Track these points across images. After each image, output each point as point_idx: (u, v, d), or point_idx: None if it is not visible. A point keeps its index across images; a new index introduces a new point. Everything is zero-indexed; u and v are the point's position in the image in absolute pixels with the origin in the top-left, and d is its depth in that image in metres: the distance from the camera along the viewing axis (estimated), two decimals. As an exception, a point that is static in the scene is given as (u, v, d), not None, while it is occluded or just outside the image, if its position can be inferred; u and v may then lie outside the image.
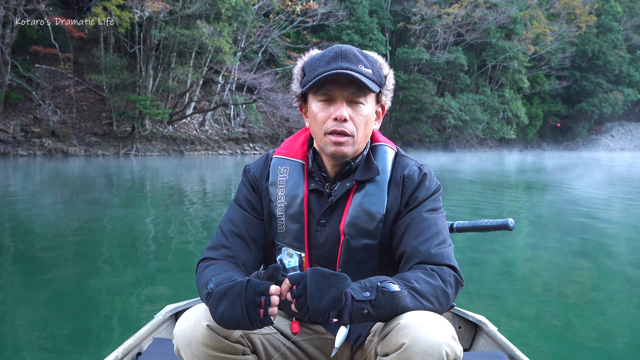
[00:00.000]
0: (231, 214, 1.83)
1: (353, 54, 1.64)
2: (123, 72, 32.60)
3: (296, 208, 1.76)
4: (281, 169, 1.81)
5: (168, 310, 2.67)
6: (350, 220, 1.71)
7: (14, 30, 29.98)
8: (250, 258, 1.77)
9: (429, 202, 1.72)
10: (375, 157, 1.77)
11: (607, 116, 64.87)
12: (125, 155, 32.27)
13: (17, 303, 4.56)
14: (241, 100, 38.47)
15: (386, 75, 1.73)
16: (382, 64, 1.73)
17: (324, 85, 1.65)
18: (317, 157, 1.80)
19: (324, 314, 1.41)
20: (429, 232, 1.66)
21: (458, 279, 1.62)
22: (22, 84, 30.60)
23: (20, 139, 30.31)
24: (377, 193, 1.72)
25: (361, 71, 1.62)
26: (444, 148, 51.10)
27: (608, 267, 6.25)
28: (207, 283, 1.57)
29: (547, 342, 3.78)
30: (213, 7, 32.81)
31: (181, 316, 1.58)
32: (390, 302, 1.45)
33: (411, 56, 47.57)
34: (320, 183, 1.78)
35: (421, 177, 1.75)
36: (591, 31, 61.42)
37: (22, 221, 8.96)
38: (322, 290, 1.39)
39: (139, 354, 2.34)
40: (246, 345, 1.62)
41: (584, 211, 11.05)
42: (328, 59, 1.64)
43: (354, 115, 1.66)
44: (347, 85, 1.63)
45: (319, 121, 1.68)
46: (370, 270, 1.74)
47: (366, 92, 1.66)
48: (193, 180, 18.25)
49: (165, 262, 6.14)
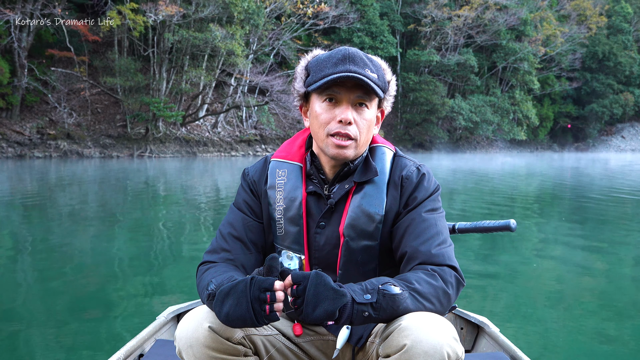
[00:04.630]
0: (231, 218, 1.82)
1: (360, 57, 1.63)
2: (137, 75, 33.04)
3: (295, 211, 1.75)
4: (279, 172, 1.80)
5: (170, 312, 2.66)
6: (350, 222, 1.70)
7: (30, 34, 30.44)
8: (250, 261, 1.76)
9: (428, 202, 1.71)
10: (373, 159, 1.77)
11: (617, 117, 64.62)
12: (139, 157, 32.62)
13: (17, 302, 4.56)
14: (253, 102, 38.73)
15: (389, 80, 1.73)
16: (386, 69, 1.73)
17: (331, 86, 1.63)
18: (315, 159, 1.79)
19: (316, 321, 1.41)
20: (429, 233, 1.65)
21: (459, 279, 1.61)
22: (38, 87, 31.11)
23: (36, 141, 30.76)
24: (376, 194, 1.71)
25: (368, 75, 1.61)
26: (455, 149, 51.05)
27: (616, 269, 6.16)
28: (207, 285, 1.56)
29: (550, 343, 3.73)
30: (226, 11, 33.16)
31: (183, 318, 1.57)
32: (391, 304, 1.44)
33: (422, 58, 47.71)
34: (319, 185, 1.76)
35: (419, 178, 1.73)
36: (602, 32, 61.25)
37: (35, 220, 9.13)
38: (319, 300, 1.39)
39: (140, 355, 2.33)
40: (248, 346, 1.61)
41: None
42: (335, 60, 1.62)
43: (358, 118, 1.65)
44: (354, 88, 1.63)
45: (321, 122, 1.66)
46: (371, 272, 1.73)
47: (372, 96, 1.66)
48: (205, 181, 18.28)
49: (168, 264, 6.09)
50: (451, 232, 2.29)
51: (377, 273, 1.73)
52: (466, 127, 50.34)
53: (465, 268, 5.60)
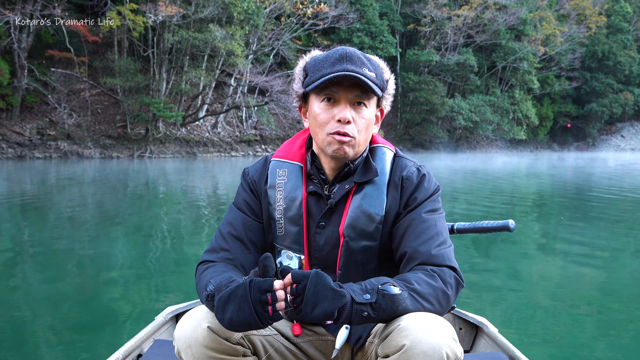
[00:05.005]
0: (230, 217, 1.82)
1: (357, 56, 1.63)
2: (137, 76, 33.11)
3: (295, 211, 1.75)
4: (279, 172, 1.80)
5: (169, 312, 2.66)
6: (350, 222, 1.69)
7: (30, 35, 30.48)
8: (249, 260, 1.76)
9: (428, 203, 1.71)
10: (373, 159, 1.76)
11: (617, 116, 64.67)
12: (140, 157, 32.66)
13: (15, 303, 4.55)
14: (253, 103, 38.78)
15: (387, 79, 1.73)
16: (384, 68, 1.73)
17: (328, 86, 1.63)
18: (315, 159, 1.78)
19: (314, 321, 1.41)
20: (429, 233, 1.65)
21: (458, 280, 1.61)
22: (38, 87, 31.14)
23: (37, 142, 30.80)
24: (376, 194, 1.71)
25: (366, 74, 1.61)
26: (455, 149, 51.10)
27: (615, 271, 6.14)
28: (206, 285, 1.56)
29: (549, 344, 3.73)
30: (225, 11, 33.20)
31: (182, 318, 1.57)
32: (391, 304, 1.44)
33: (421, 58, 47.76)
34: (319, 185, 1.76)
35: (420, 178, 1.73)
36: (601, 32, 61.30)
37: (36, 218, 9.18)
38: (318, 300, 1.39)
39: (139, 355, 2.32)
40: (247, 346, 1.61)
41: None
42: (333, 60, 1.62)
43: (357, 117, 1.65)
44: (352, 87, 1.63)
45: (320, 122, 1.66)
46: (371, 272, 1.73)
47: (370, 95, 1.66)
48: (206, 182, 18.29)
49: (167, 264, 6.08)
50: (450, 232, 2.28)
51: (377, 273, 1.73)
52: (466, 126, 50.38)
53: (465, 268, 5.60)
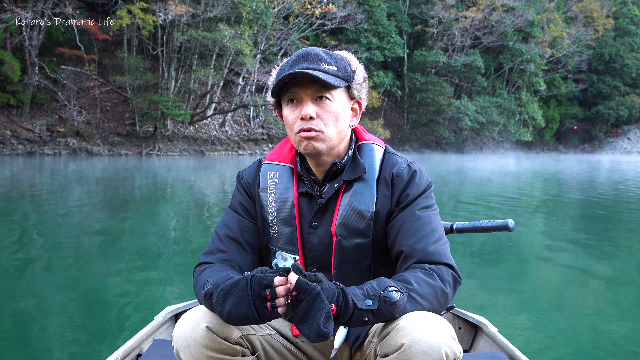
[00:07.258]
0: (227, 219, 1.83)
1: (315, 54, 1.64)
2: (146, 74, 33.29)
3: (287, 212, 1.76)
4: (271, 174, 1.81)
5: (168, 312, 2.66)
6: (341, 220, 1.70)
7: (40, 33, 30.75)
8: (246, 261, 1.77)
9: (421, 199, 1.71)
10: (361, 156, 1.76)
11: (624, 119, 64.50)
12: (148, 155, 32.84)
13: (15, 302, 4.56)
14: (261, 102, 38.90)
15: (355, 69, 1.72)
16: (350, 59, 1.73)
17: (289, 88, 1.65)
18: (304, 161, 1.80)
19: (302, 331, 1.39)
20: (424, 230, 1.65)
21: (456, 277, 1.61)
22: (48, 84, 31.40)
23: (46, 139, 31.04)
24: (365, 191, 1.71)
25: (323, 69, 1.62)
26: (460, 150, 51.15)
27: (616, 269, 6.18)
28: (204, 285, 1.57)
29: (548, 343, 3.74)
30: (234, 11, 33.36)
31: (180, 318, 1.56)
32: (392, 311, 1.44)
33: (428, 59, 47.82)
34: (310, 186, 1.77)
35: (411, 175, 1.73)
36: (608, 34, 61.16)
37: (42, 216, 9.31)
38: (305, 320, 1.36)
39: (139, 355, 2.32)
40: (245, 346, 1.60)
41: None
42: (291, 62, 1.64)
43: (321, 112, 1.65)
44: (310, 84, 1.63)
45: (289, 124, 1.68)
46: (365, 270, 1.73)
47: (329, 87, 1.64)
48: (213, 180, 18.37)
49: (167, 263, 6.09)
50: (449, 232, 2.30)
51: (372, 271, 1.74)
52: (472, 127, 50.36)
53: (464, 267, 5.64)
